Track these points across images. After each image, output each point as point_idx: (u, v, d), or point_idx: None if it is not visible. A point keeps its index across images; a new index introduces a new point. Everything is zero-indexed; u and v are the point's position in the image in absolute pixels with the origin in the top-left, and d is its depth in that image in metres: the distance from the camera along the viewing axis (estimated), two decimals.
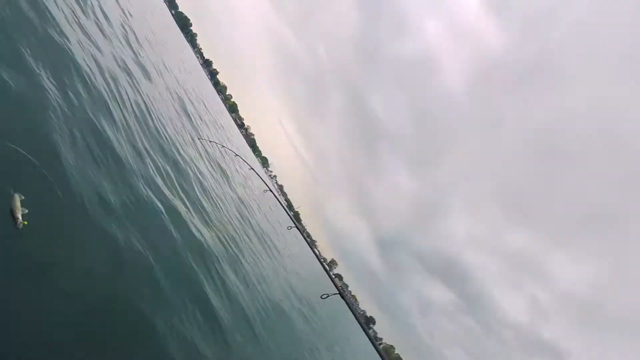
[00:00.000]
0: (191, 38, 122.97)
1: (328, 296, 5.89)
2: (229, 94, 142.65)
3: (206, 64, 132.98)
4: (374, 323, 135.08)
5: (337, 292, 5.75)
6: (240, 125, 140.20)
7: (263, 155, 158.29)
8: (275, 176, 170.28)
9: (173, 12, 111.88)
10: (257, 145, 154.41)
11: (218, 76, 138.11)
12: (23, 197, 3.25)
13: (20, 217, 3.02)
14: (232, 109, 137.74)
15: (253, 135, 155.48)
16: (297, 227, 6.77)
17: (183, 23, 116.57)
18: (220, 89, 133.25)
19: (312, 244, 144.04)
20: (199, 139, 16.52)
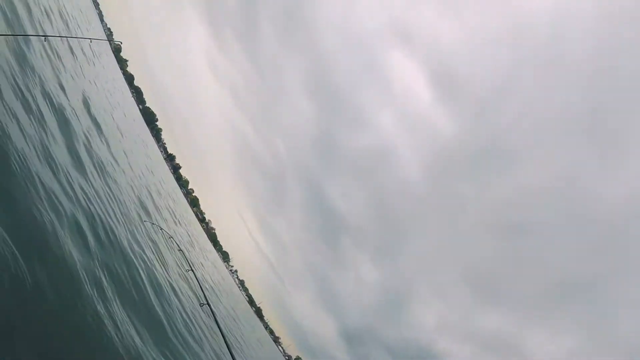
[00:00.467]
0: (156, 133, 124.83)
1: None
2: (190, 188, 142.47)
3: (169, 158, 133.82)
4: None
5: None
6: (202, 220, 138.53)
7: (224, 249, 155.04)
8: (236, 271, 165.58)
9: (140, 106, 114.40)
10: (218, 239, 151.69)
11: (181, 170, 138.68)
12: None
13: None
14: (194, 203, 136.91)
15: (214, 229, 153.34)
16: (209, 306, 5.82)
17: (149, 118, 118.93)
18: (182, 183, 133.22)
19: (275, 340, 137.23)
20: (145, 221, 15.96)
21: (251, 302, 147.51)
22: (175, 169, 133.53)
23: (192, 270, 10.42)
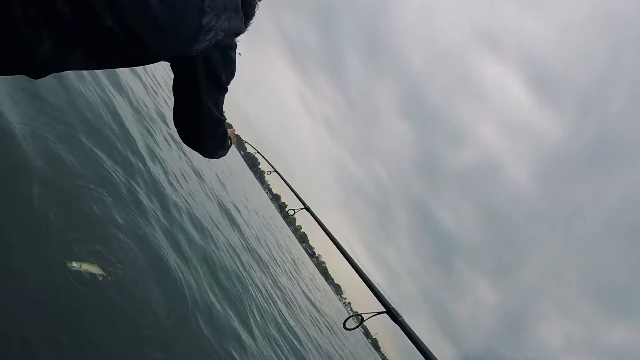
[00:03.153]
0: (259, 175, 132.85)
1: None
2: (298, 225, 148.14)
3: (275, 198, 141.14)
4: None
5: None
6: (311, 255, 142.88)
7: (336, 282, 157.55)
8: (350, 303, 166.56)
9: (242, 153, 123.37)
10: (330, 273, 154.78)
11: (287, 209, 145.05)
12: (102, 273, 3.39)
13: (75, 265, 3.15)
14: (303, 239, 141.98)
15: (324, 263, 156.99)
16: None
17: (252, 162, 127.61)
18: (289, 220, 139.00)
19: None
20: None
21: (366, 333, 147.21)
22: (281, 208, 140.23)
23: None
